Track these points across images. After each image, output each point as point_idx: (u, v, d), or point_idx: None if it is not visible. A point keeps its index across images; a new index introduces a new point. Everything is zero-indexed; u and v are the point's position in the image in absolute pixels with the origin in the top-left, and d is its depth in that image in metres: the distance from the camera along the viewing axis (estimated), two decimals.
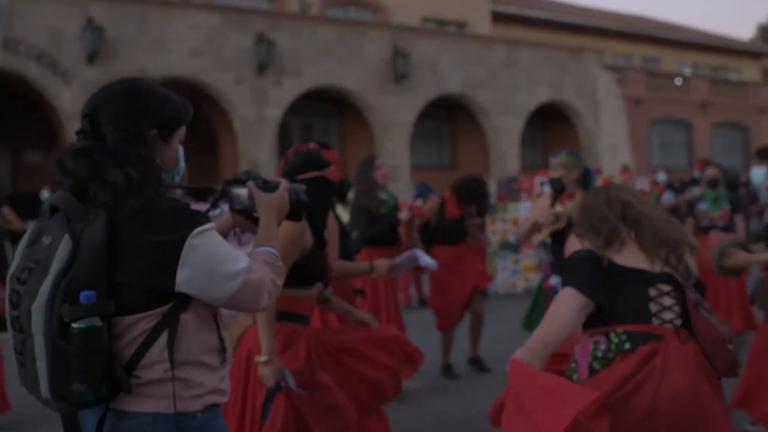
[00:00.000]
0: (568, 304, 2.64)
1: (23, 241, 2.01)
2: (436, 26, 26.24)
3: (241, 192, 2.27)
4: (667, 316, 2.62)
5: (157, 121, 2.04)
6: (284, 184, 2.30)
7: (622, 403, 2.47)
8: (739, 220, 7.98)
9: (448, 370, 7.00)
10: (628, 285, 2.65)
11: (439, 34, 23.48)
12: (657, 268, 2.68)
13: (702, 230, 7.84)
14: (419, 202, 8.45)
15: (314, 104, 21.84)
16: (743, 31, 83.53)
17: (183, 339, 1.99)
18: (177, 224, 1.95)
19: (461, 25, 27.35)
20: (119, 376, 1.89)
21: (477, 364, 7.12)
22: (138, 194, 1.93)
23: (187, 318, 2.00)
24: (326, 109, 22.41)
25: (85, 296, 1.82)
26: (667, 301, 2.64)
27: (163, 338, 1.95)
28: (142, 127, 2.01)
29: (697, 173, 9.70)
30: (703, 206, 7.91)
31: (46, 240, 1.94)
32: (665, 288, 2.65)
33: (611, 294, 2.63)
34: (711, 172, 8.10)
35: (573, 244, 2.84)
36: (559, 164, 5.03)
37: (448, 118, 24.80)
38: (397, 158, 21.15)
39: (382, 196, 6.36)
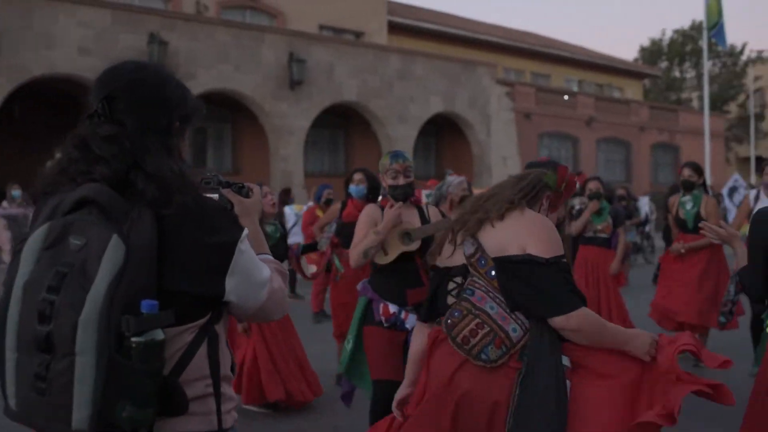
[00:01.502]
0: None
1: (35, 243, 1.67)
2: (333, 34, 26.34)
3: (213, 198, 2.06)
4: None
5: (180, 114, 1.90)
6: (257, 189, 2.21)
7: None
8: (620, 232, 8.23)
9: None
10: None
11: (335, 41, 23.55)
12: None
13: (585, 241, 8.09)
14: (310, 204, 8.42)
15: (208, 108, 21.41)
16: (627, 52, 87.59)
17: (220, 352, 1.86)
18: (227, 226, 1.81)
19: (358, 35, 27.57)
20: (176, 395, 1.69)
21: None
22: (185, 189, 1.74)
23: (219, 330, 1.87)
24: (221, 113, 22.12)
25: (148, 305, 1.60)
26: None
27: (203, 352, 1.79)
28: (171, 117, 1.86)
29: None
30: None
31: (76, 240, 1.63)
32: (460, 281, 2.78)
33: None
34: (593, 185, 8.21)
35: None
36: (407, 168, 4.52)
37: (344, 125, 24.91)
38: (291, 164, 21.09)
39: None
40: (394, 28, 29.17)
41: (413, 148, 23.87)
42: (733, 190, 19.81)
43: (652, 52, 48.03)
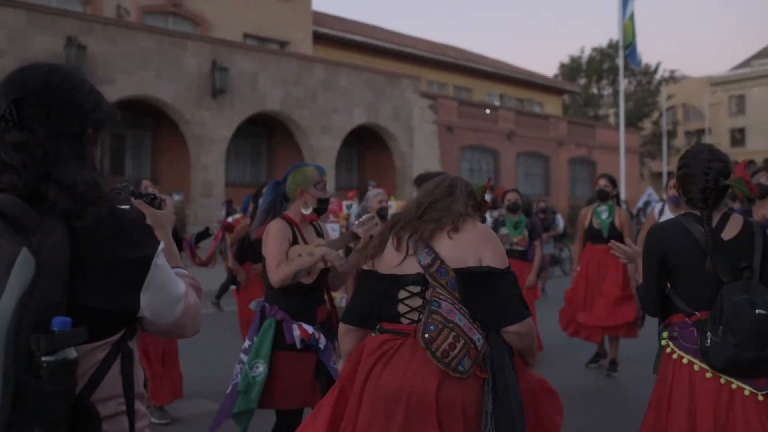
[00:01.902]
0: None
1: None
2: (257, 43, 26.18)
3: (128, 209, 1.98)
4: (415, 315, 2.78)
5: (94, 120, 1.77)
6: (170, 200, 2.15)
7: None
8: (537, 246, 8.36)
9: None
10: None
11: (259, 51, 23.41)
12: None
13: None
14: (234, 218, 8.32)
15: (127, 114, 21.11)
16: (547, 68, 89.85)
17: (134, 369, 1.78)
18: (143, 239, 1.72)
19: (283, 44, 27.49)
20: (89, 416, 1.59)
21: None
22: (99, 200, 1.63)
23: (133, 346, 1.78)
24: (140, 121, 21.72)
25: (60, 323, 1.49)
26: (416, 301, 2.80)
27: (116, 369, 1.71)
28: (85, 123, 1.74)
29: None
30: (503, 231, 8.23)
31: None
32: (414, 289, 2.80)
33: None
34: (511, 197, 8.30)
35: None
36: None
37: (267, 135, 24.77)
38: (212, 174, 20.85)
39: None
40: (319, 38, 29.22)
41: (336, 159, 23.92)
42: (647, 204, 20.50)
43: (571, 69, 49.35)
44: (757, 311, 2.86)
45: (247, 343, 4.05)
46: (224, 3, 26.03)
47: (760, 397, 2.92)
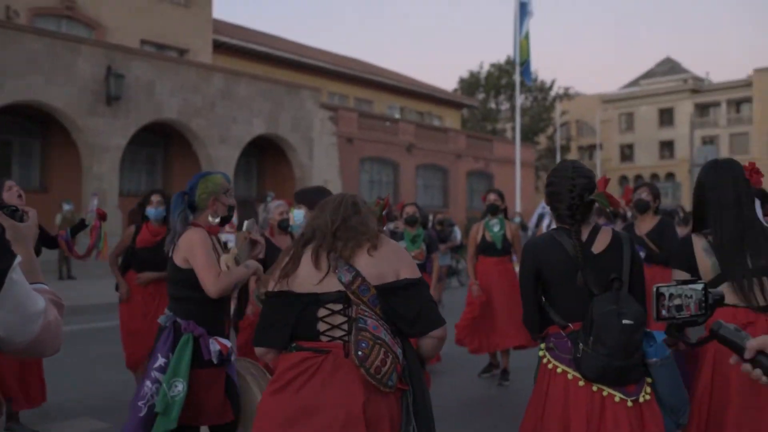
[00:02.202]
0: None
1: None
2: (155, 50, 25.66)
3: None
4: (336, 333, 2.79)
5: None
6: (34, 212, 2.05)
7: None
8: (435, 258, 8.46)
9: None
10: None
11: (157, 58, 22.93)
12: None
13: None
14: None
15: (15, 120, 20.33)
16: (447, 82, 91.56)
17: None
18: None
19: (182, 52, 27.05)
20: None
21: None
22: None
23: None
24: (28, 127, 20.94)
25: None
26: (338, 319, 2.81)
27: None
28: None
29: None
30: (401, 245, 8.27)
31: None
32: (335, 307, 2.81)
33: None
34: (410, 210, 8.38)
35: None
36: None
37: (163, 144, 24.28)
38: (105, 183, 20.25)
39: None
40: (219, 47, 28.90)
41: (234, 169, 23.66)
42: (541, 217, 21.09)
43: (470, 84, 50.46)
44: (624, 321, 2.98)
45: (161, 361, 3.83)
46: (121, 8, 25.42)
47: (630, 403, 3.04)
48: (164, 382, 3.75)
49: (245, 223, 4.33)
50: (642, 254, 7.06)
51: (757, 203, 3.46)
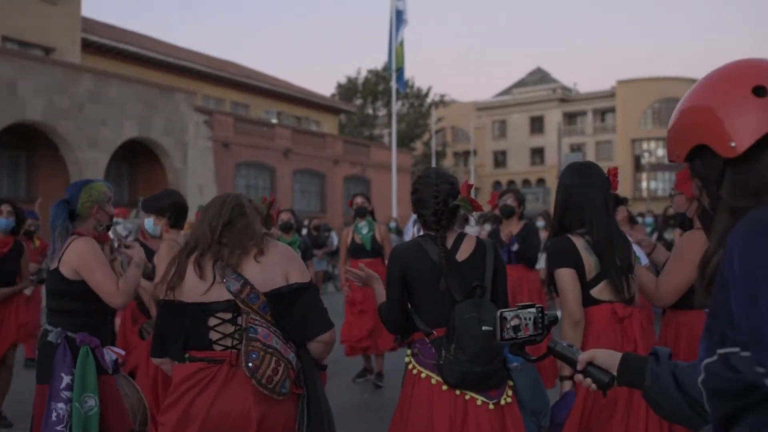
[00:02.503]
0: None
1: None
2: (17, 47, 24.48)
3: None
4: (228, 342, 2.80)
5: None
6: None
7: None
8: (310, 265, 8.44)
9: None
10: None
11: (20, 56, 21.87)
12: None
13: None
14: None
15: None
16: (325, 88, 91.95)
17: None
18: None
19: (48, 50, 25.91)
20: None
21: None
22: None
23: None
24: None
25: None
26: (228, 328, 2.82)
27: None
28: None
29: None
30: None
31: None
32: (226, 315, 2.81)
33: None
34: (285, 216, 8.34)
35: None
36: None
37: (27, 147, 23.18)
38: None
39: None
40: (88, 46, 27.87)
41: (104, 173, 22.87)
42: (416, 222, 21.45)
43: (348, 89, 50.67)
44: (483, 328, 3.05)
45: (67, 379, 3.64)
46: None
47: (491, 406, 3.12)
48: (75, 399, 3.60)
49: (118, 227, 4.24)
50: (515, 246, 7.31)
51: None
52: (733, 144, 1.45)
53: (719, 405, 1.39)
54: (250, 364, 2.66)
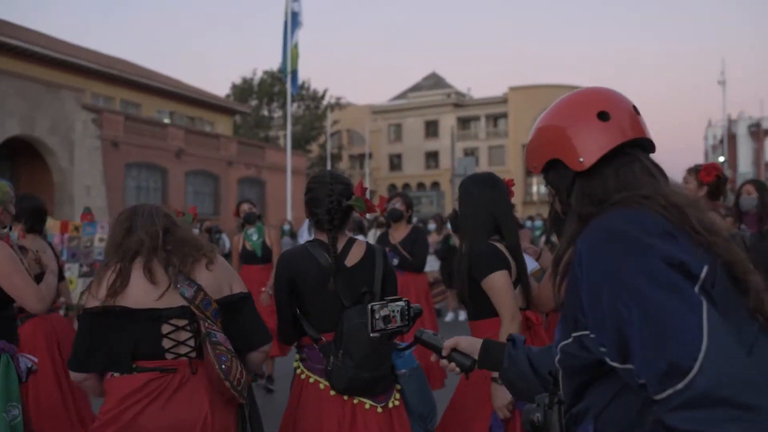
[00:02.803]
0: None
1: None
2: None
3: None
4: (182, 350, 2.76)
5: None
6: None
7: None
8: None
9: None
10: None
11: None
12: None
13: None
14: None
15: None
16: (220, 88, 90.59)
17: None
18: None
19: None
20: None
21: None
22: None
23: None
24: None
25: None
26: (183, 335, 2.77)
27: None
28: None
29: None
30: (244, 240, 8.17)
31: None
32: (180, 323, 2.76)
33: None
34: (246, 207, 8.25)
35: None
36: None
37: None
38: None
39: None
40: None
41: None
42: (311, 226, 21.44)
43: (243, 90, 50.11)
44: (371, 334, 3.13)
45: None
46: None
47: (380, 410, 3.17)
48: (1, 410, 3.44)
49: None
50: (395, 261, 7.46)
51: None
52: (581, 159, 1.69)
53: (572, 380, 1.64)
54: (223, 366, 2.65)
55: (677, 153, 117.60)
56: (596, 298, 1.49)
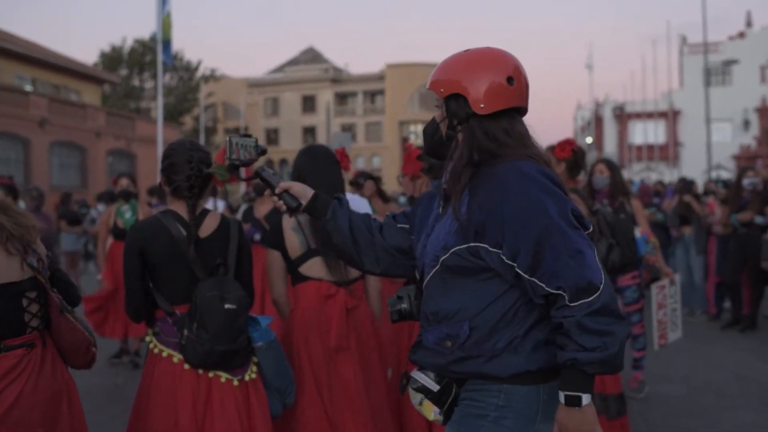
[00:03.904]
0: None
1: None
2: None
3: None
4: (35, 322, 2.65)
5: None
6: None
7: None
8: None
9: None
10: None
11: None
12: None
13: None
14: None
15: None
16: (87, 55, 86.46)
17: None
18: None
19: None
20: None
21: None
22: None
23: None
24: None
25: None
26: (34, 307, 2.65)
27: None
28: None
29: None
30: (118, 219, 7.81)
31: None
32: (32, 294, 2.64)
33: None
34: (124, 182, 7.90)
35: None
36: None
37: None
38: None
39: None
40: None
41: None
42: None
43: (112, 59, 48.04)
44: (226, 306, 3.04)
45: None
46: None
47: (236, 383, 3.12)
48: None
49: None
50: (258, 236, 7.35)
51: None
52: (482, 105, 2.10)
53: (444, 276, 2.10)
54: (87, 332, 2.69)
55: (551, 133, 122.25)
56: (520, 223, 1.94)
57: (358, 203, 4.07)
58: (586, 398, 1.91)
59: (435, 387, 2.12)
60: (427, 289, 2.17)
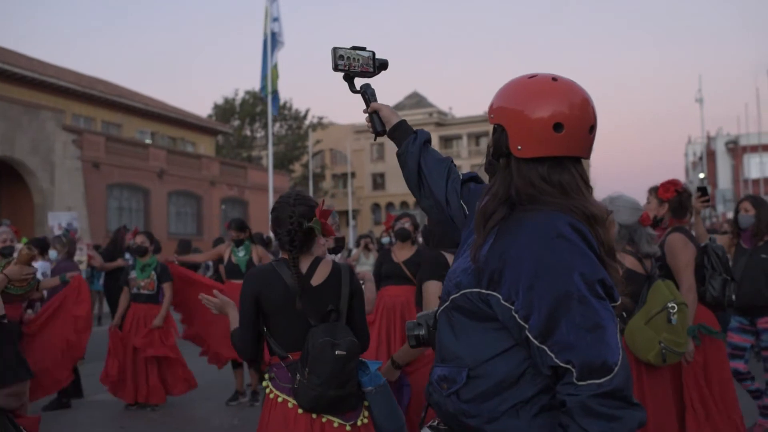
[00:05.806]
0: None
1: None
2: None
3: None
4: None
5: None
6: None
7: None
8: (167, 288, 8.19)
9: None
10: None
11: None
12: None
13: (132, 298, 8.06)
14: None
15: None
16: (201, 108, 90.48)
17: None
18: None
19: None
20: None
21: None
22: None
23: None
24: None
25: None
26: None
27: None
28: None
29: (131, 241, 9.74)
30: (132, 274, 8.13)
31: None
32: None
33: None
34: (139, 240, 8.16)
35: None
36: None
37: None
38: None
39: None
40: None
41: None
42: None
43: (225, 110, 49.99)
44: (336, 352, 3.10)
45: None
46: None
47: (348, 428, 3.16)
48: None
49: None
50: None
51: None
52: (519, 147, 1.89)
53: (454, 314, 1.95)
54: None
55: (661, 169, 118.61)
56: (539, 282, 1.74)
57: None
58: None
59: None
60: (438, 321, 2.05)
